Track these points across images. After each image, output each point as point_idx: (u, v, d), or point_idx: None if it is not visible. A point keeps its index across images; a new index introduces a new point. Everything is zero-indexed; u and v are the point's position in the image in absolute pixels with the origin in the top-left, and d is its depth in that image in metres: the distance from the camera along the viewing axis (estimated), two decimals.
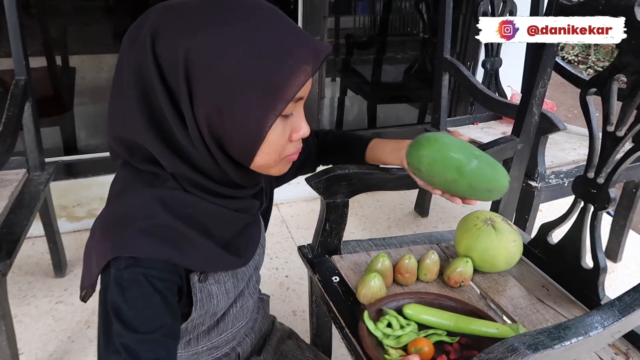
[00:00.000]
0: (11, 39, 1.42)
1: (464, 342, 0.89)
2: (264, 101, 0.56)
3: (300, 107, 0.64)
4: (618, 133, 0.93)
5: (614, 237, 1.95)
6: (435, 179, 0.82)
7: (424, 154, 0.81)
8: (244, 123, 0.58)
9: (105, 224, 0.60)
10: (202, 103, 0.57)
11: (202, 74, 0.56)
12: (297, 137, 0.64)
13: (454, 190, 0.83)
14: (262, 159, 0.62)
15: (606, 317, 0.70)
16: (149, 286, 0.57)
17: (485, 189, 0.82)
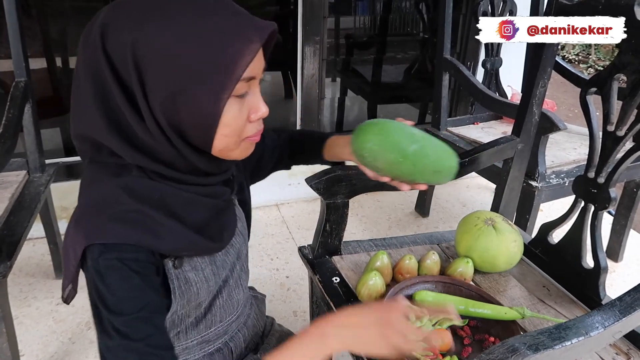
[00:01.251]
0: (11, 41, 1.42)
1: (473, 324, 0.92)
2: (214, 82, 0.58)
3: (256, 87, 0.65)
4: (618, 132, 0.93)
5: (615, 236, 1.95)
6: (379, 164, 0.78)
7: (366, 139, 0.78)
8: (197, 107, 0.59)
9: (77, 216, 0.62)
10: (155, 93, 0.58)
11: (151, 64, 0.57)
12: (255, 118, 0.65)
13: (399, 174, 0.80)
14: (221, 142, 0.63)
15: (607, 317, 0.70)
16: (126, 269, 0.58)
17: (431, 170, 0.79)
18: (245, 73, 0.59)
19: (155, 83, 0.58)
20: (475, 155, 1.17)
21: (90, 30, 0.61)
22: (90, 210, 0.61)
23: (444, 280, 0.99)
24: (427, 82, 2.69)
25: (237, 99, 0.62)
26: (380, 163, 0.78)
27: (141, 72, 0.58)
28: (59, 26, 2.18)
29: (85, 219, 0.60)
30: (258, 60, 0.62)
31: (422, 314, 0.73)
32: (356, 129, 0.80)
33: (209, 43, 0.57)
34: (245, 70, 0.59)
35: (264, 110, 0.65)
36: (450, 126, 2.05)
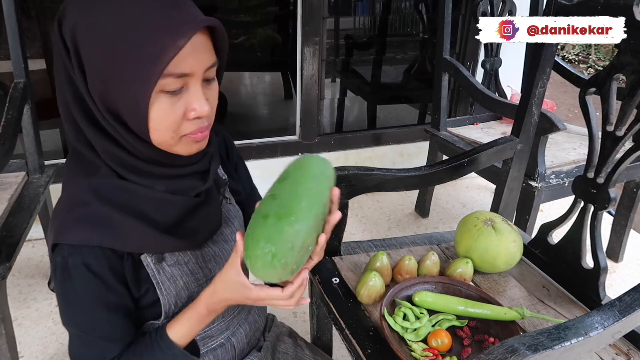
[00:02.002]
0: (10, 42, 1.42)
1: (473, 325, 0.92)
2: (139, 75, 0.57)
3: (195, 84, 0.62)
4: (618, 133, 0.93)
5: (615, 236, 1.95)
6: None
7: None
8: (126, 97, 0.59)
9: (53, 215, 0.68)
10: (91, 78, 0.60)
11: (86, 50, 0.59)
12: (192, 116, 0.62)
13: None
14: (157, 135, 0.63)
15: (606, 318, 0.69)
16: (89, 273, 0.64)
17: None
18: (174, 68, 0.58)
19: (90, 69, 0.60)
20: (474, 155, 1.17)
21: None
22: (62, 209, 0.66)
23: (443, 281, 0.99)
24: (426, 82, 2.69)
25: (167, 94, 0.60)
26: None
27: (80, 58, 0.60)
28: None
29: (57, 218, 0.66)
30: (194, 56, 0.60)
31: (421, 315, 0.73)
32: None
33: (136, 34, 0.57)
34: (167, 66, 0.57)
35: (200, 109, 0.62)
36: (449, 127, 2.05)
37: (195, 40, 0.59)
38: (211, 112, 0.66)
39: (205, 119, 0.65)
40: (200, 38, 0.60)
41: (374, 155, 2.52)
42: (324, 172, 0.66)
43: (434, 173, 1.14)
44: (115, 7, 0.58)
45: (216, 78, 0.68)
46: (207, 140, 0.70)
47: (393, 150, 2.56)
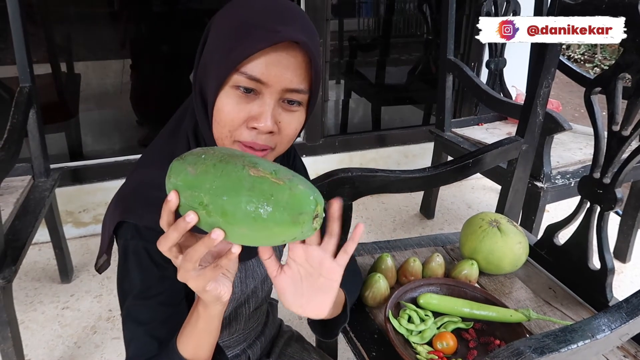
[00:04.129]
0: (15, 47, 1.43)
1: (478, 327, 0.91)
2: (220, 62, 0.61)
3: (268, 97, 0.61)
4: (624, 132, 0.92)
5: (623, 237, 1.93)
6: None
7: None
8: (209, 79, 0.62)
9: (120, 192, 0.67)
10: (200, 61, 0.65)
11: (209, 35, 0.64)
12: (251, 125, 0.61)
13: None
14: (216, 128, 0.64)
15: (613, 320, 0.69)
16: (148, 259, 0.63)
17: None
18: (249, 69, 0.59)
19: (204, 52, 0.64)
20: (479, 156, 1.16)
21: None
22: (133, 191, 0.66)
23: (448, 283, 0.99)
24: (431, 83, 2.69)
25: (238, 92, 0.61)
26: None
27: (205, 42, 0.65)
28: (64, 31, 2.19)
29: (127, 197, 0.65)
30: (276, 68, 0.59)
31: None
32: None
33: (236, 31, 0.60)
34: (240, 62, 0.58)
35: (262, 123, 0.61)
36: (454, 127, 2.04)
37: (285, 54, 0.59)
38: (276, 136, 0.63)
39: (265, 138, 0.62)
40: (293, 56, 0.60)
41: (378, 157, 2.52)
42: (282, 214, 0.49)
43: (438, 174, 1.13)
44: (238, 10, 0.62)
45: (304, 111, 0.65)
46: None
47: (398, 152, 2.55)
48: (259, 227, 0.49)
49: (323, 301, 0.62)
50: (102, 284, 1.78)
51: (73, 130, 2.24)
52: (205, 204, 0.49)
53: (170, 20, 2.34)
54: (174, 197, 0.51)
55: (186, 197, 0.51)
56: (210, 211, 0.49)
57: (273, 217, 0.48)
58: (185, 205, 0.51)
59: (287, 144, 0.66)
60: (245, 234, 0.50)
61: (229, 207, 0.48)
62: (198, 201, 0.50)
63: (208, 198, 0.49)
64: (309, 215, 0.49)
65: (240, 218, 0.48)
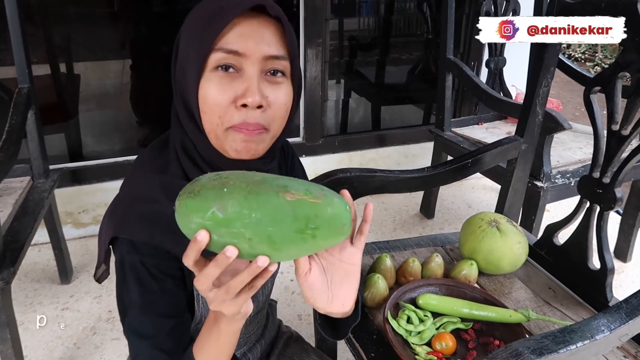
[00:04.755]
0: (14, 48, 1.43)
1: (478, 327, 0.91)
2: (194, 49, 0.60)
3: (250, 70, 0.60)
4: (623, 132, 0.92)
5: (623, 236, 1.92)
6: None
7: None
8: (187, 75, 0.61)
9: (113, 205, 0.65)
10: (176, 68, 0.64)
11: (179, 42, 0.64)
12: (240, 102, 0.60)
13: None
14: (206, 121, 0.62)
15: (613, 320, 0.68)
16: (146, 273, 0.62)
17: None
18: (225, 44, 0.59)
19: (177, 59, 0.64)
20: (478, 156, 1.16)
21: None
22: (126, 203, 0.64)
23: (447, 283, 0.98)
24: (431, 83, 2.68)
25: (219, 73, 0.60)
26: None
27: (177, 51, 0.64)
28: (63, 32, 2.19)
29: (120, 210, 0.63)
30: (252, 38, 0.59)
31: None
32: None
33: (203, 18, 0.60)
34: (215, 38, 0.58)
35: (250, 98, 0.59)
36: (454, 127, 2.04)
37: (257, 24, 0.60)
38: (267, 112, 0.62)
39: (256, 116, 0.61)
40: (265, 26, 0.61)
41: (378, 157, 2.51)
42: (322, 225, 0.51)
43: (437, 174, 1.13)
44: (200, 5, 0.62)
45: (289, 82, 0.64)
46: (260, 146, 0.64)
47: (398, 152, 2.55)
48: (307, 246, 0.52)
49: (348, 290, 0.64)
50: (101, 285, 1.77)
51: (73, 131, 2.24)
52: (249, 238, 0.49)
53: (170, 21, 2.33)
54: (206, 237, 0.49)
55: (221, 235, 0.49)
56: (254, 243, 0.50)
57: (321, 234, 0.51)
58: (220, 241, 0.50)
59: (280, 121, 0.64)
60: (292, 254, 0.53)
61: (276, 237, 0.49)
62: (238, 236, 0.49)
63: (251, 232, 0.49)
64: (349, 224, 0.54)
65: (289, 243, 0.50)
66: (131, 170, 0.69)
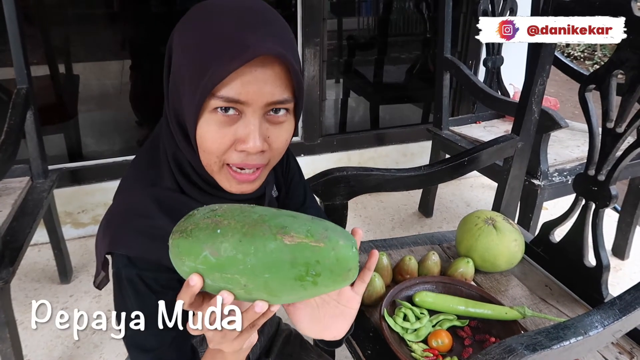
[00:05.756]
0: (12, 49, 1.43)
1: (474, 325, 0.92)
2: (194, 87, 0.57)
3: (251, 116, 0.58)
4: (618, 129, 0.92)
5: (621, 234, 1.93)
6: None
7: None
8: (185, 107, 0.59)
9: (108, 219, 0.64)
10: (170, 86, 0.62)
11: (173, 58, 0.61)
12: (240, 148, 0.58)
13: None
14: (203, 157, 0.61)
15: (606, 316, 0.69)
16: (144, 287, 0.61)
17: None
18: (225, 92, 0.55)
19: (171, 75, 0.61)
20: (474, 154, 1.16)
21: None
22: (120, 217, 0.63)
23: (444, 281, 0.99)
24: (429, 81, 2.68)
25: (217, 116, 0.57)
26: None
27: (170, 65, 0.62)
28: (62, 32, 2.20)
29: (114, 225, 0.62)
30: (254, 85, 0.56)
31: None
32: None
33: (203, 50, 0.56)
34: (214, 87, 0.55)
35: (251, 144, 0.57)
36: (452, 126, 2.04)
37: (261, 69, 0.55)
38: (267, 153, 0.60)
39: (256, 157, 0.59)
40: (270, 69, 0.56)
41: (376, 156, 2.52)
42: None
43: (434, 172, 1.13)
44: (200, 23, 0.58)
45: (292, 118, 0.62)
46: (256, 184, 0.63)
47: (396, 150, 2.55)
48: (308, 293, 0.48)
49: (341, 327, 0.62)
50: None
51: (72, 131, 2.25)
52: (244, 284, 0.46)
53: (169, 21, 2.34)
54: (199, 282, 0.47)
55: (214, 279, 0.47)
56: (250, 290, 0.47)
57: (323, 281, 0.47)
58: (214, 286, 0.47)
59: (279, 156, 0.63)
60: (292, 299, 0.50)
61: (273, 284, 0.46)
62: (233, 282, 0.46)
63: (246, 279, 0.46)
64: (355, 269, 0.49)
65: (288, 290, 0.47)
66: (124, 178, 0.68)
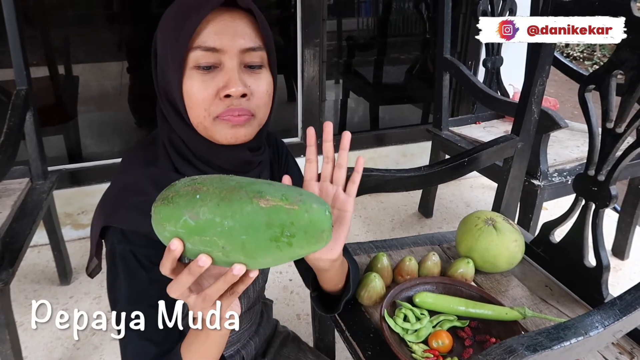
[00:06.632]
0: (12, 50, 1.43)
1: (474, 325, 0.91)
2: (173, 49, 0.62)
3: (229, 63, 0.62)
4: (617, 129, 0.92)
5: (621, 234, 1.93)
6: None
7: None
8: (169, 75, 0.63)
9: (104, 198, 0.67)
10: (157, 69, 0.66)
11: (157, 45, 0.66)
12: (223, 94, 0.62)
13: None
14: (192, 114, 0.64)
15: (607, 317, 0.69)
16: (135, 262, 0.63)
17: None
18: (202, 42, 0.61)
19: (158, 60, 0.65)
20: (474, 155, 1.16)
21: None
22: (117, 194, 0.66)
23: (444, 281, 0.99)
24: (429, 82, 2.69)
25: (200, 71, 0.62)
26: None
27: (156, 53, 0.66)
28: (61, 34, 2.20)
29: (110, 202, 0.65)
30: (227, 34, 0.62)
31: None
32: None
33: (176, 17, 0.63)
34: (191, 37, 0.61)
35: (233, 88, 0.62)
36: (452, 126, 2.04)
37: (230, 18, 0.62)
38: (251, 100, 0.64)
39: (241, 102, 0.63)
40: (238, 19, 0.63)
41: (376, 156, 2.52)
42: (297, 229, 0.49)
43: (433, 173, 1.13)
44: (171, 6, 0.65)
45: (268, 71, 0.67)
46: (249, 131, 0.66)
47: (396, 151, 2.55)
48: (284, 255, 0.49)
49: (337, 232, 0.66)
50: (101, 286, 1.78)
51: (71, 132, 2.25)
52: (222, 246, 0.48)
53: None
54: (179, 246, 0.49)
55: (194, 243, 0.48)
56: (228, 252, 0.48)
57: (298, 242, 0.49)
58: (194, 249, 0.49)
59: (264, 108, 0.67)
60: (269, 262, 0.51)
61: (250, 245, 0.48)
62: (211, 244, 0.48)
63: (224, 240, 0.48)
64: (329, 230, 0.51)
65: (264, 251, 0.49)
66: (120, 164, 0.71)
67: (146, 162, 0.68)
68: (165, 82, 0.65)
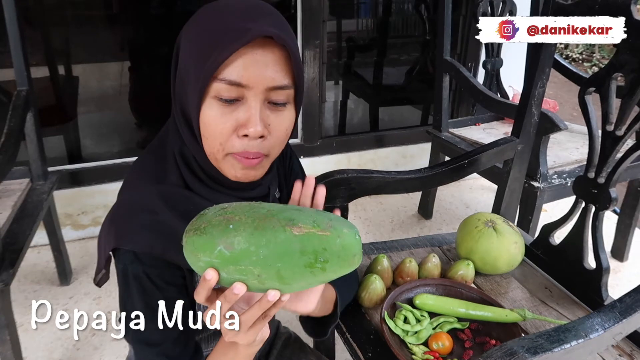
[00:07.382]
0: (12, 51, 1.43)
1: (474, 327, 0.92)
2: (196, 74, 0.59)
3: (252, 100, 0.59)
4: (617, 132, 0.93)
5: (620, 236, 1.93)
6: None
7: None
8: (188, 96, 0.61)
9: (113, 214, 0.64)
10: (176, 80, 0.64)
11: (179, 53, 0.63)
12: (241, 133, 0.59)
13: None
14: (206, 144, 0.62)
15: (607, 319, 0.69)
16: (149, 283, 0.62)
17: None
18: (227, 74, 0.57)
19: (178, 71, 0.63)
20: (474, 156, 1.16)
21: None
22: (127, 212, 0.64)
23: (444, 283, 0.99)
24: (429, 83, 2.69)
25: (220, 102, 0.59)
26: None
27: (178, 61, 0.63)
28: (62, 34, 2.20)
29: (120, 221, 0.63)
30: (255, 69, 0.58)
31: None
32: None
33: (205, 39, 0.59)
34: (216, 69, 0.57)
35: (252, 129, 0.59)
36: (451, 128, 2.04)
37: (262, 53, 0.57)
38: (268, 140, 0.61)
39: (256, 144, 0.60)
40: (270, 54, 0.58)
41: (376, 158, 2.52)
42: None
43: (434, 175, 1.13)
44: (205, 17, 0.60)
45: (292, 108, 0.64)
46: (259, 172, 0.65)
47: (396, 152, 2.56)
48: (317, 279, 0.52)
49: (310, 290, 0.64)
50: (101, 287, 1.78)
51: (72, 133, 2.25)
52: (257, 275, 0.50)
53: (168, 23, 2.34)
54: (214, 276, 0.50)
55: (229, 272, 0.50)
56: (263, 279, 0.50)
57: (331, 267, 0.51)
58: (229, 278, 0.51)
59: (280, 146, 0.65)
60: (302, 286, 0.53)
61: (285, 272, 0.50)
62: (247, 273, 0.50)
63: (259, 269, 0.49)
64: (360, 254, 0.53)
65: (299, 277, 0.51)
66: (128, 176, 0.69)
67: (156, 177, 0.66)
68: (184, 94, 0.62)
